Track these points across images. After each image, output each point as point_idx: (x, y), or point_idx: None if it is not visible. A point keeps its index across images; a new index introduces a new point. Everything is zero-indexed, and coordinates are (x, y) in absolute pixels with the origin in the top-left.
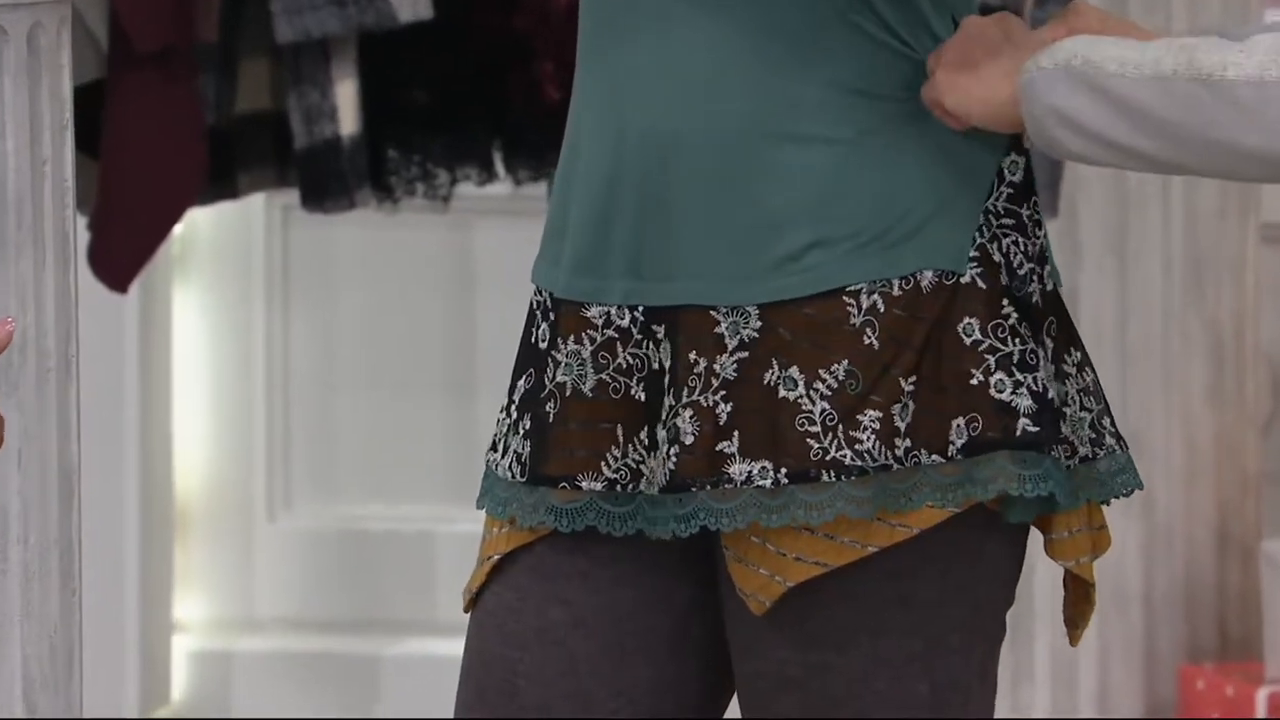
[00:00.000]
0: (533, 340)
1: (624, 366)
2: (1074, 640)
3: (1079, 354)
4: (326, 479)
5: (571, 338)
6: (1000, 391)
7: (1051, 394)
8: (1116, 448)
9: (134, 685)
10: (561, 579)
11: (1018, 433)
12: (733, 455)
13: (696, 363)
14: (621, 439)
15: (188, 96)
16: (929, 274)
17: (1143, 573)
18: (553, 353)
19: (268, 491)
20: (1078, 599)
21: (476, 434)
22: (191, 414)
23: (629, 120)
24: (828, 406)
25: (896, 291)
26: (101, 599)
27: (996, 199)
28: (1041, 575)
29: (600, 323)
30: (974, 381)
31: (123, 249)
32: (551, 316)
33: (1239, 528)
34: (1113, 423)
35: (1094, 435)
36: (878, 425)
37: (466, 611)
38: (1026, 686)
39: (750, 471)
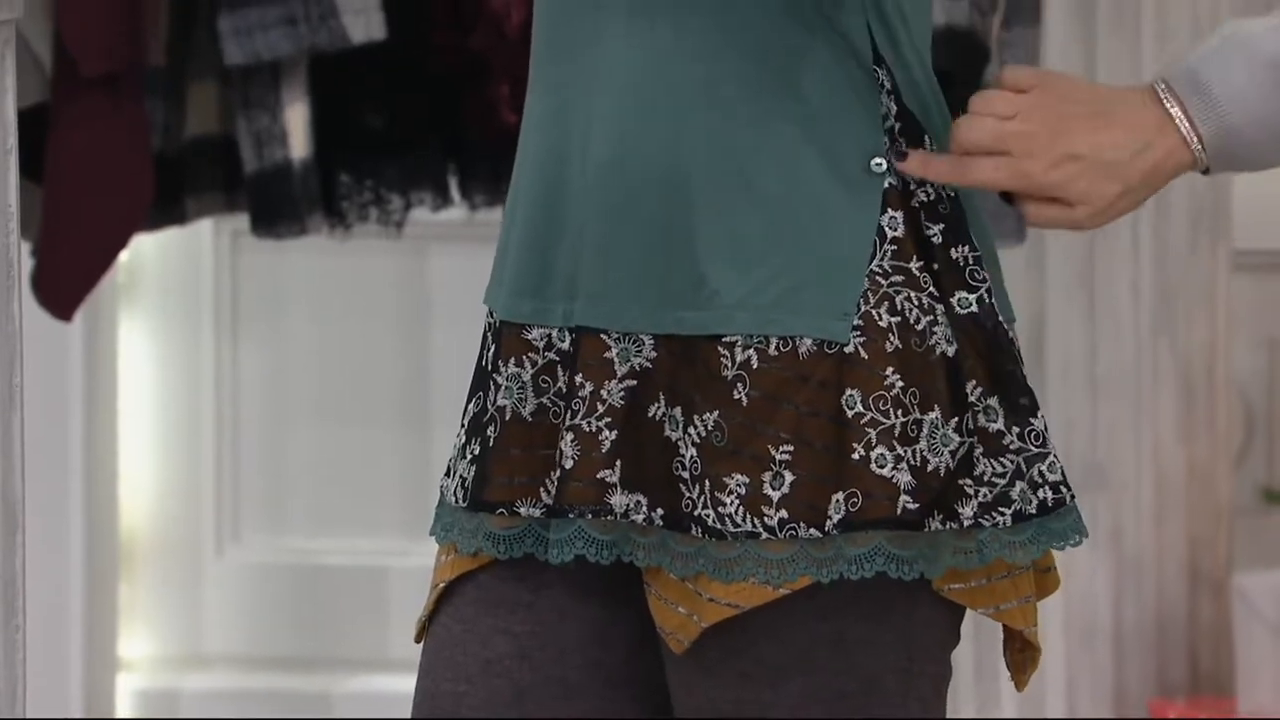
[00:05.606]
0: (483, 363)
1: (564, 391)
2: (1019, 685)
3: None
4: (276, 512)
5: (512, 360)
6: (881, 467)
7: (934, 464)
8: (1033, 509)
9: None
10: (505, 609)
11: (899, 510)
12: (614, 485)
13: (582, 386)
14: None
15: (134, 120)
16: (808, 341)
17: (1112, 605)
18: (494, 375)
19: (216, 524)
20: (1013, 645)
21: (430, 465)
22: (137, 445)
23: (573, 140)
24: (696, 455)
25: (773, 351)
26: (45, 635)
27: (881, 259)
28: None
29: (541, 345)
30: (855, 456)
31: (67, 276)
32: (497, 339)
33: (1210, 561)
34: (1044, 473)
35: (1005, 494)
36: (743, 491)
37: (418, 641)
38: None
39: (628, 505)
